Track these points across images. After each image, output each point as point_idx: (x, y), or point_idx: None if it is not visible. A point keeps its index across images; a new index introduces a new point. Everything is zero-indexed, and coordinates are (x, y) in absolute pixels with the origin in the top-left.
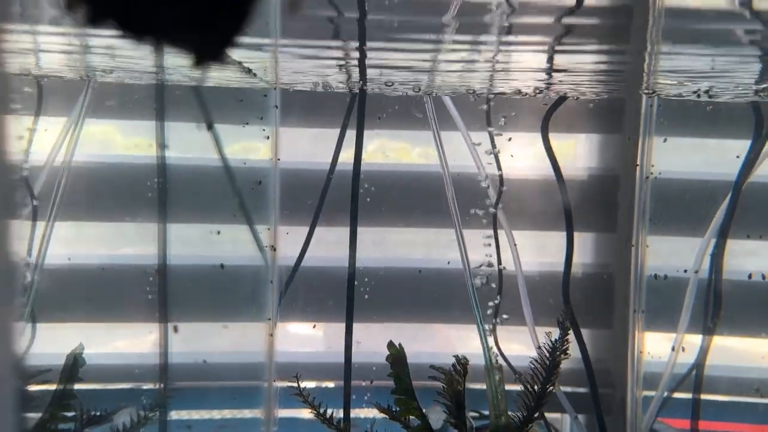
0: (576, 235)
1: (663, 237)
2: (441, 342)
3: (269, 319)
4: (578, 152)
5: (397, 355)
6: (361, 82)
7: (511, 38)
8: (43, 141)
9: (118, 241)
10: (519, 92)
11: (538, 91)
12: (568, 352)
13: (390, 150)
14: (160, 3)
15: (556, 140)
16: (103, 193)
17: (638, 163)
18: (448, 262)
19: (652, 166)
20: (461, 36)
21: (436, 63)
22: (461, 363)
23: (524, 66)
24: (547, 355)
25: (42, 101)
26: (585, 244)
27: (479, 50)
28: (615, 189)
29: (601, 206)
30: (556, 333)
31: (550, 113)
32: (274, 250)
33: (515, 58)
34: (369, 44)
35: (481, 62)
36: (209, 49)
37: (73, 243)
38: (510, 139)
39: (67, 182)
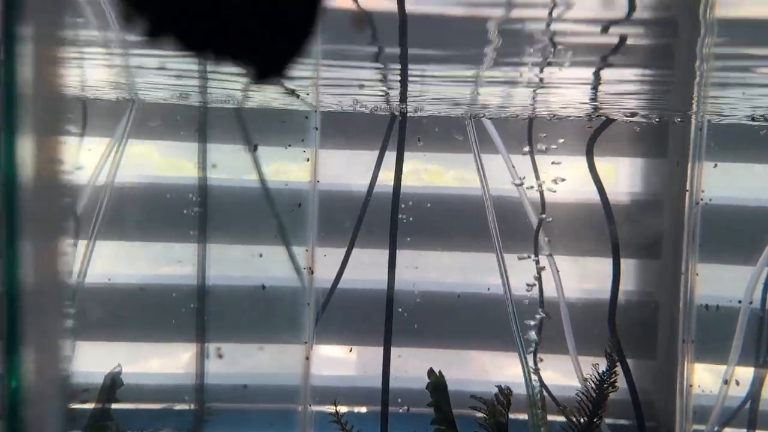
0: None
1: (713, 264)
2: (479, 369)
3: (305, 342)
4: (620, 177)
5: (437, 382)
6: (401, 106)
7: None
8: (86, 161)
9: (158, 260)
10: (556, 116)
11: (588, 118)
12: (616, 384)
13: (424, 172)
14: (222, 18)
15: (598, 164)
16: (145, 212)
17: (687, 188)
18: (488, 288)
19: (702, 191)
20: (504, 59)
21: (478, 88)
22: (504, 393)
23: (568, 90)
24: (594, 387)
25: (86, 122)
26: (628, 271)
27: (521, 72)
28: (659, 215)
29: (645, 232)
30: (600, 363)
31: (595, 136)
32: (312, 273)
33: (559, 75)
34: (411, 70)
35: (522, 85)
36: (271, 65)
37: (113, 262)
38: (553, 163)
39: (109, 202)
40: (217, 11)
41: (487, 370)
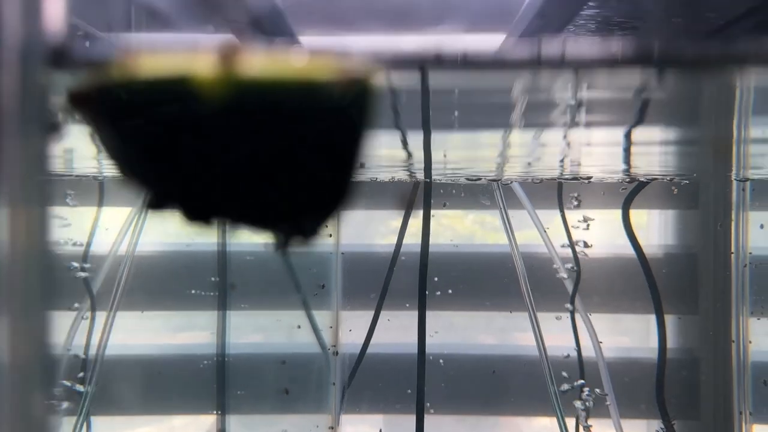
0: (652, 317)
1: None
2: None
3: (331, 428)
4: (652, 228)
5: None
6: (426, 177)
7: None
8: (105, 233)
9: (178, 329)
10: (588, 179)
11: (622, 181)
12: None
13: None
14: (241, 186)
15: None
16: (164, 282)
17: (733, 250)
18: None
19: (750, 253)
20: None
21: (504, 156)
22: None
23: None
24: None
25: (103, 196)
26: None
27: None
28: (694, 268)
29: (680, 286)
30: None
31: (629, 199)
32: (336, 354)
33: (587, 138)
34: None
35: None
36: (298, 230)
37: (131, 333)
38: (588, 224)
39: (129, 272)
40: (234, 176)
41: None
